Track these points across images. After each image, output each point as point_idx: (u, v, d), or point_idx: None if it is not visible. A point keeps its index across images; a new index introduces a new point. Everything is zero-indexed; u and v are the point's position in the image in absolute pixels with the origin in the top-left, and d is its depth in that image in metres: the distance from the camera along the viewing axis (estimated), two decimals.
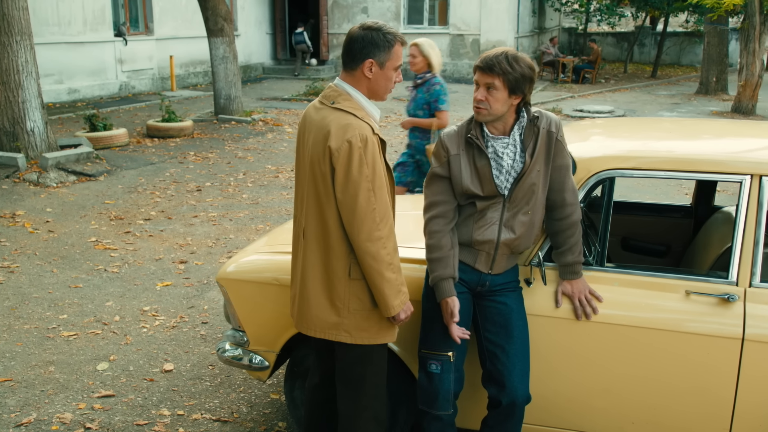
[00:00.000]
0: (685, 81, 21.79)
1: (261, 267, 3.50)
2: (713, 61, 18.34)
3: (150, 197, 8.17)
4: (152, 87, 17.39)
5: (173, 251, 6.41)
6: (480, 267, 2.95)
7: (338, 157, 2.56)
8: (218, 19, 12.62)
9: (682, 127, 3.75)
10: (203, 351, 4.60)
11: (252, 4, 20.93)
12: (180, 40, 18.05)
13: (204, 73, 19.08)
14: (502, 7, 20.40)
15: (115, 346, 4.66)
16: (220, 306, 5.26)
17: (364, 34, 2.65)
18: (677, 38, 26.21)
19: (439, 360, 2.95)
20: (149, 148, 10.75)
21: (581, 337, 2.98)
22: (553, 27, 26.34)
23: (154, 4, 17.35)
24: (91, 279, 5.78)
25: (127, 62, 16.63)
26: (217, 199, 8.16)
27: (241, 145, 11.16)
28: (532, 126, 2.86)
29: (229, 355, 3.58)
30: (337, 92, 2.71)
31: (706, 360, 2.86)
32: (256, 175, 9.31)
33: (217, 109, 13.19)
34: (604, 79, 21.84)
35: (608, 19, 22.93)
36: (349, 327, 2.72)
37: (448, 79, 20.42)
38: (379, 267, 2.60)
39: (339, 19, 21.91)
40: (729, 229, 3.65)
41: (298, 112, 14.43)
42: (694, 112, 15.61)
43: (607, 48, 26.71)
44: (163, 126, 11.54)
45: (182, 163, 9.90)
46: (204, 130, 12.26)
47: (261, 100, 16.17)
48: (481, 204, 2.90)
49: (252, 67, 20.99)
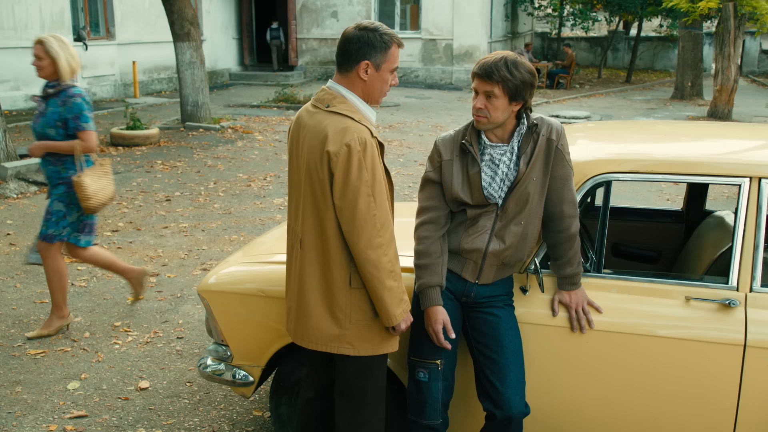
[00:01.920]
0: (659, 86, 22.16)
1: (245, 278, 3.45)
2: (688, 66, 18.68)
3: (117, 208, 8.03)
4: (114, 94, 17.18)
5: (144, 264, 6.30)
6: (467, 276, 2.93)
7: (337, 162, 2.52)
8: (184, 23, 12.51)
9: (677, 129, 3.79)
10: (180, 367, 4.52)
11: (218, 8, 20.82)
12: (143, 45, 17.87)
13: (168, 79, 18.91)
14: (474, 11, 20.57)
15: (86, 364, 4.56)
16: (195, 320, 5.18)
17: (360, 35, 2.62)
18: (651, 43, 26.66)
19: (427, 368, 2.93)
20: (114, 157, 10.59)
21: (579, 346, 2.98)
22: (526, 32, 26.62)
23: (116, 8, 17.17)
24: None
25: (88, 68, 16.39)
26: (187, 209, 8.06)
27: (210, 154, 11.05)
28: (531, 133, 2.84)
29: (211, 371, 3.52)
30: (331, 95, 2.67)
31: (707, 367, 2.87)
32: (227, 184, 9.22)
33: (184, 116, 13.07)
34: (578, 84, 22.11)
35: (582, 24, 23.24)
36: (352, 338, 2.69)
37: (420, 85, 20.53)
38: (380, 275, 2.57)
39: (308, 23, 21.90)
40: (722, 234, 3.69)
41: (268, 119, 14.36)
42: (670, 117, 15.86)
43: (581, 53, 27.07)
44: (128, 134, 11.39)
45: (149, 173, 9.77)
46: (171, 138, 12.12)
47: (229, 107, 16.06)
48: (472, 212, 2.88)
49: (218, 73, 20.86)
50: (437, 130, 12.97)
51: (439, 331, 2.85)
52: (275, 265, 3.33)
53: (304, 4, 21.77)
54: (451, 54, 20.90)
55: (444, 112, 15.74)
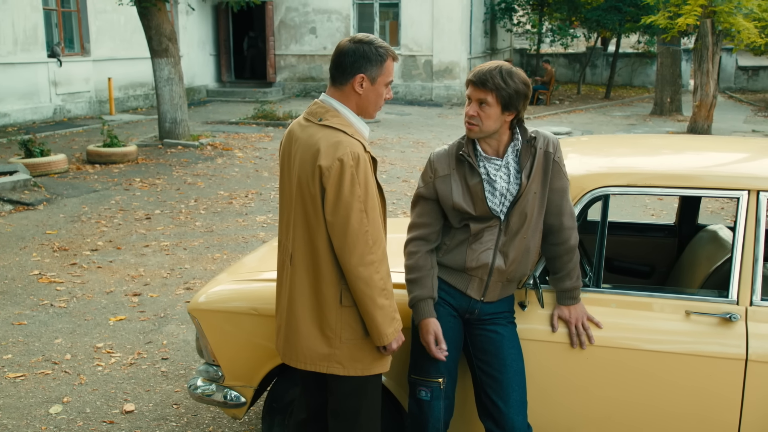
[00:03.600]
0: (638, 102, 22.43)
1: (237, 296, 3.41)
2: (667, 82, 18.94)
3: (95, 226, 7.94)
4: (89, 111, 17.04)
5: (125, 283, 6.22)
6: (472, 293, 2.91)
7: (329, 177, 2.50)
8: (162, 39, 12.47)
9: (672, 143, 3.83)
10: (166, 389, 4.45)
11: (195, 24, 20.78)
12: (119, 61, 17.77)
13: (145, 96, 18.81)
14: (454, 27, 20.73)
15: (68, 387, 4.47)
16: (180, 341, 5.11)
17: (356, 48, 2.61)
18: (629, 59, 27.03)
19: (429, 386, 2.91)
20: (91, 175, 10.48)
21: (579, 363, 2.97)
22: (505, 48, 26.87)
23: (91, 24, 17.07)
24: (37, 315, 5.56)
25: (62, 84, 16.27)
26: (168, 227, 7.98)
27: (190, 171, 10.98)
28: (529, 146, 2.85)
29: (201, 392, 3.46)
30: (324, 108, 2.65)
31: (708, 382, 2.87)
32: (208, 201, 9.16)
33: (162, 133, 12.98)
34: (558, 100, 22.33)
35: (561, 40, 23.50)
36: (342, 358, 2.65)
37: (401, 101, 20.60)
38: (372, 293, 2.54)
39: (286, 39, 21.93)
40: (716, 248, 3.72)
41: (248, 136, 14.31)
42: (650, 133, 16.05)
43: (560, 69, 27.37)
44: (105, 151, 11.29)
45: (128, 190, 9.67)
46: (149, 155, 12.03)
47: (207, 124, 15.99)
48: (476, 226, 2.88)
49: (195, 90, 20.78)
50: (418, 146, 13.00)
51: (431, 342, 2.83)
52: (267, 283, 3.29)
53: (282, 20, 21.81)
54: (431, 70, 21.01)
55: (425, 129, 15.79)
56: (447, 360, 2.89)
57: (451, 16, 20.71)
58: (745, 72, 26.57)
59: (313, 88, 21.80)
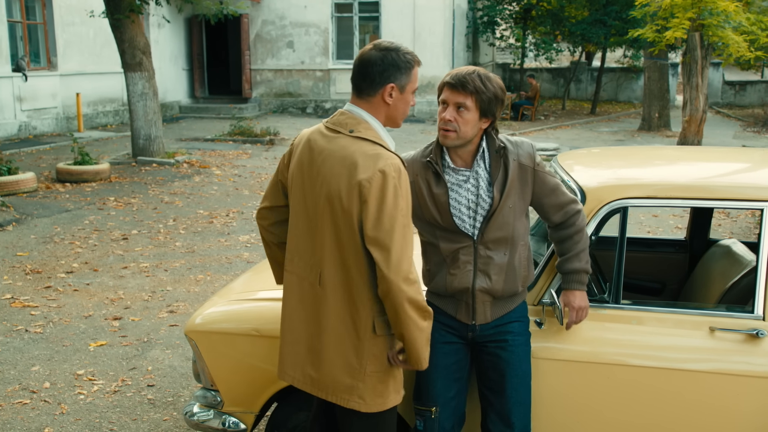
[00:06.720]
0: (625, 117, 22.70)
1: (237, 317, 3.35)
2: (654, 97, 19.18)
3: (69, 247, 7.81)
4: (56, 128, 16.86)
5: (104, 307, 6.11)
6: (461, 318, 2.87)
7: (370, 189, 2.39)
8: (136, 53, 12.39)
9: (686, 154, 3.84)
10: (153, 417, 4.35)
11: (167, 38, 20.70)
12: (87, 76, 17.62)
13: (115, 112, 18.67)
14: (436, 41, 20.88)
15: (48, 417, 4.36)
16: (166, 366, 5.02)
17: (383, 56, 2.54)
18: (614, 74, 27.36)
19: (422, 415, 2.90)
20: (62, 194, 10.34)
21: (599, 382, 2.95)
22: (487, 62, 27.08)
23: (58, 37, 16.92)
24: (11, 341, 5.43)
25: (28, 100, 16.08)
26: (147, 247, 7.88)
27: (166, 189, 10.87)
28: (499, 158, 2.79)
29: (198, 419, 3.39)
30: (355, 120, 2.56)
31: (734, 401, 2.86)
32: (187, 221, 9.06)
33: (136, 150, 12.87)
34: (543, 116, 22.52)
35: (546, 54, 23.74)
36: (364, 392, 2.56)
37: None
38: (415, 314, 2.45)
39: (262, 54, 21.93)
40: (731, 263, 3.73)
41: (225, 153, 14.23)
42: None
43: (543, 84, 27.61)
44: (76, 169, 11.15)
45: (102, 210, 9.55)
46: (122, 173, 11.91)
47: (182, 141, 15.89)
48: (446, 246, 2.82)
49: (168, 106, 20.65)
50: None
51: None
52: (269, 302, 3.24)
53: (258, 33, 21.82)
54: None
55: (407, 145, 15.81)
56: (444, 387, 2.86)
57: (433, 30, 20.87)
58: (732, 87, 27.02)
59: (291, 104, 21.80)
